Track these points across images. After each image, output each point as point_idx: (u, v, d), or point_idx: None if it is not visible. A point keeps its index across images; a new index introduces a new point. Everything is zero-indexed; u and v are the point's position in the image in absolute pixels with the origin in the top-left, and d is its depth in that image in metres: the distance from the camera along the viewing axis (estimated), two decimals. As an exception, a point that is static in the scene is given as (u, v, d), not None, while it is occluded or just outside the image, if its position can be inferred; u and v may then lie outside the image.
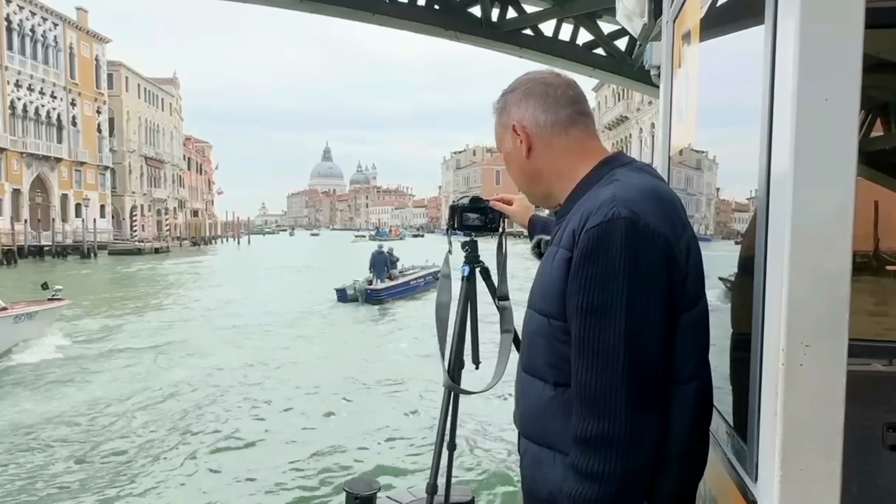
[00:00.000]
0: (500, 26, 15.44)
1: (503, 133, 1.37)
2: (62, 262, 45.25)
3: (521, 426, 1.31)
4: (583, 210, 1.18)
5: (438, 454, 2.46)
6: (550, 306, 1.20)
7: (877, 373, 2.06)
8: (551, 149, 1.32)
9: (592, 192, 1.23)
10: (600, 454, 1.09)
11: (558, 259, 1.19)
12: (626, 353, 1.09)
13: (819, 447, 1.06)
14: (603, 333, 1.10)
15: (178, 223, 79.51)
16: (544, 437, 1.23)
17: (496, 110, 1.39)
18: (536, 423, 1.25)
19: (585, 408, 1.12)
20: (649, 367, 1.11)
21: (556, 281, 1.18)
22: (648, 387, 1.11)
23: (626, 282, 1.09)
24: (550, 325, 1.20)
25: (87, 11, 62.38)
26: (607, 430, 1.09)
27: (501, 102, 1.37)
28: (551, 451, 1.21)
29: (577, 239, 1.14)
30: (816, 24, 1.02)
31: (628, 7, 2.68)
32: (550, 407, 1.21)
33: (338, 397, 10.12)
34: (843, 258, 1.04)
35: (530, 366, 1.28)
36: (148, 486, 6.83)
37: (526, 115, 1.32)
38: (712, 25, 1.68)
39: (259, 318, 17.95)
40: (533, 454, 1.26)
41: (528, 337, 1.29)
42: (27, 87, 53.43)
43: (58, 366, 12.02)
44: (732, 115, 1.62)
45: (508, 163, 1.40)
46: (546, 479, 1.21)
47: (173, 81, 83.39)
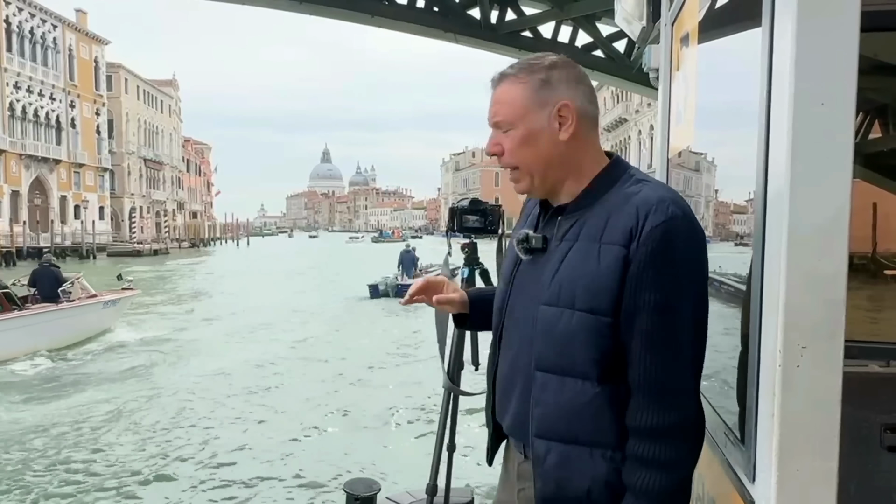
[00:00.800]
0: (499, 28, 15.46)
1: (535, 108, 1.27)
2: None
3: (540, 428, 1.27)
4: (635, 206, 1.18)
5: (438, 455, 2.47)
6: (599, 302, 1.19)
7: (874, 374, 2.06)
8: (586, 141, 1.30)
9: (619, 189, 1.24)
10: (674, 443, 1.16)
11: (607, 255, 1.18)
12: (693, 347, 1.18)
13: (815, 448, 1.07)
14: (674, 328, 1.16)
15: (176, 225, 79.45)
16: (580, 434, 1.22)
17: (532, 81, 1.28)
18: (567, 422, 1.23)
19: (653, 400, 1.17)
20: (701, 363, 1.21)
21: (606, 277, 1.18)
22: (698, 381, 1.20)
23: (692, 279, 1.17)
24: (598, 321, 1.19)
25: (86, 13, 62.45)
26: (680, 419, 1.17)
27: (543, 75, 1.28)
28: (586, 448, 1.21)
29: (638, 235, 1.16)
30: (812, 28, 1.03)
31: (627, 10, 2.69)
32: (592, 404, 1.21)
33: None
34: (840, 261, 1.05)
35: (556, 365, 1.25)
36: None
37: (577, 99, 1.28)
38: (710, 28, 1.69)
39: (297, 316, 19.05)
40: (560, 454, 1.24)
41: (556, 335, 1.24)
42: (26, 88, 53.44)
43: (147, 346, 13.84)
44: (731, 118, 1.63)
45: (531, 140, 1.29)
46: (583, 475, 1.21)
47: (172, 83, 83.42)
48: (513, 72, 1.31)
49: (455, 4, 15.38)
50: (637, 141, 56.73)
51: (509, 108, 1.30)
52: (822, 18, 1.03)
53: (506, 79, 1.32)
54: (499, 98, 1.31)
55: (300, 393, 10.41)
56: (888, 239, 3.55)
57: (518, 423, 1.33)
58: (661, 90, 2.32)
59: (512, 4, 15.38)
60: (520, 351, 1.32)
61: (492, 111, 1.33)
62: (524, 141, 1.29)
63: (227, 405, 9.71)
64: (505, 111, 1.30)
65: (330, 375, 11.55)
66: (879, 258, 3.50)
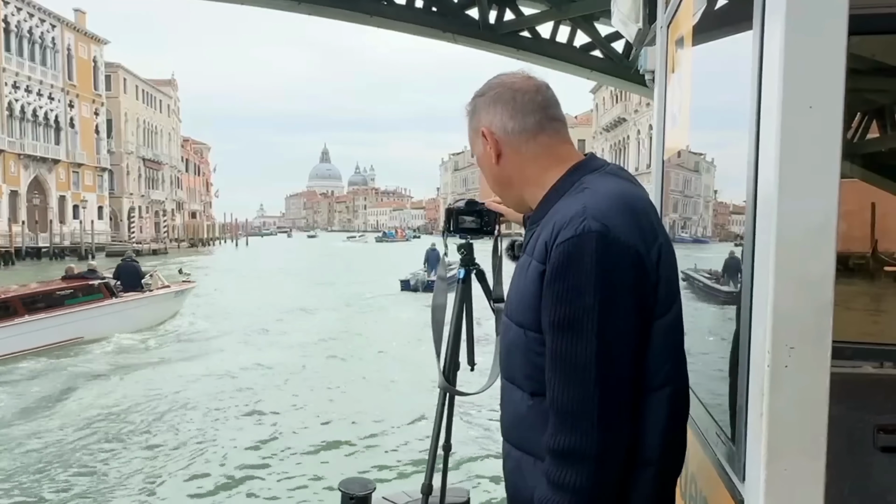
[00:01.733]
0: (497, 28, 15.46)
1: (474, 137, 1.36)
2: (60, 264, 45.24)
3: (504, 431, 1.31)
4: (554, 222, 1.17)
5: (434, 454, 2.47)
6: (526, 318, 1.20)
7: (868, 375, 2.08)
8: (520, 156, 1.30)
9: (563, 201, 1.22)
10: (571, 467, 1.11)
11: (532, 271, 1.19)
12: (598, 369, 1.09)
13: (804, 448, 1.08)
14: (575, 348, 1.10)
15: (175, 225, 79.40)
16: (524, 443, 1.24)
17: (467, 113, 1.36)
18: (516, 430, 1.26)
19: (558, 420, 1.12)
20: (621, 382, 1.12)
21: (531, 294, 1.18)
22: (619, 401, 1.12)
23: (596, 297, 1.09)
24: (526, 336, 1.20)
25: (84, 13, 62.39)
26: (578, 445, 1.10)
27: (472, 106, 1.35)
28: (531, 458, 1.22)
29: (550, 252, 1.14)
30: (800, 31, 1.04)
31: (623, 12, 2.70)
32: (528, 415, 1.21)
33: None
34: (827, 263, 1.06)
35: (508, 373, 1.29)
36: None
37: (494, 122, 1.30)
38: (704, 31, 1.70)
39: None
40: (515, 459, 1.26)
41: (506, 345, 1.29)
42: (25, 88, 53.39)
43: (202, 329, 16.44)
44: (724, 120, 1.64)
45: (481, 167, 1.38)
46: (527, 484, 1.22)
47: (171, 83, 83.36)
48: (466, 104, 1.38)
49: (453, 4, 15.37)
50: (636, 140, 56.74)
51: (470, 137, 1.38)
52: (811, 22, 1.04)
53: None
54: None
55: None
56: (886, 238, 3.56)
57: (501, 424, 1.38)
58: (656, 92, 2.33)
59: (510, 4, 15.38)
60: (500, 358, 1.37)
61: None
62: (481, 168, 1.39)
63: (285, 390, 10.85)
64: (469, 140, 1.40)
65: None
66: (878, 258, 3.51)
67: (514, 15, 15.50)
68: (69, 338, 13.24)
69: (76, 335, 13.44)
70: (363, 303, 22.27)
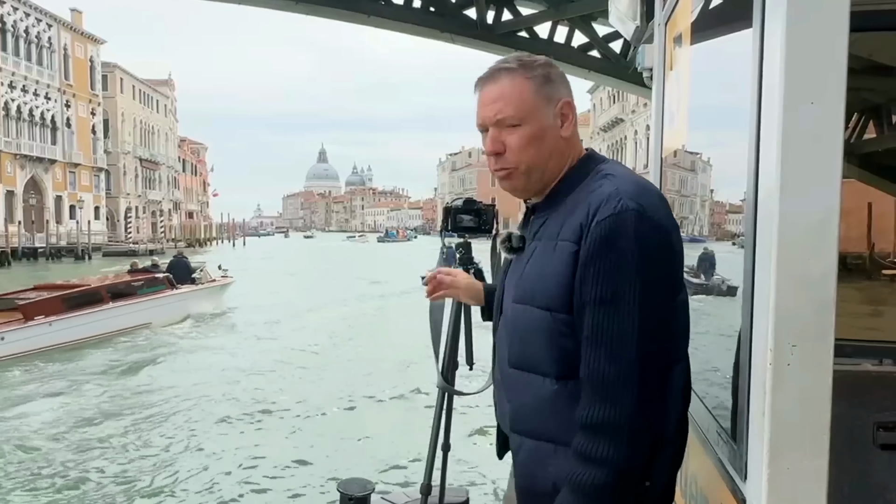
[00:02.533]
0: (495, 28, 15.45)
1: (542, 105, 1.26)
2: (56, 264, 45.16)
3: (513, 423, 1.30)
4: (588, 203, 1.18)
5: (432, 454, 2.46)
6: (553, 300, 1.20)
7: (868, 373, 2.07)
8: (576, 138, 1.32)
9: (585, 185, 1.23)
10: (606, 440, 1.12)
11: (561, 252, 1.19)
12: (639, 343, 1.12)
13: (806, 446, 1.08)
14: (617, 322, 1.12)
15: (172, 225, 79.24)
16: (544, 431, 1.23)
17: (536, 77, 1.26)
18: (534, 419, 1.25)
19: (595, 395, 1.14)
20: (659, 355, 1.14)
21: (560, 275, 1.19)
22: (657, 374, 1.14)
23: (639, 273, 1.12)
24: (554, 318, 1.20)
25: (81, 13, 62.22)
26: (615, 417, 1.12)
27: (545, 72, 1.28)
28: (552, 445, 1.22)
29: (587, 231, 1.16)
30: (801, 28, 1.03)
31: (621, 10, 2.70)
32: (554, 401, 1.21)
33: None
34: (829, 261, 1.05)
35: (524, 362, 1.27)
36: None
37: (570, 96, 1.31)
38: (703, 29, 1.70)
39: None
40: (529, 450, 1.26)
41: (521, 332, 1.27)
42: (21, 88, 53.23)
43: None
44: (723, 118, 1.63)
45: (540, 137, 1.26)
46: (547, 472, 1.22)
47: (168, 83, 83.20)
48: (513, 66, 1.27)
49: (451, 4, 15.37)
50: (633, 141, 56.80)
51: (517, 103, 1.25)
52: (812, 18, 1.03)
53: (507, 74, 1.27)
54: (502, 93, 1.26)
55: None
56: (883, 237, 3.56)
57: (502, 419, 1.37)
58: (654, 90, 2.33)
59: (508, 5, 15.37)
60: (502, 350, 1.35)
61: (493, 108, 1.27)
62: (533, 138, 1.26)
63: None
64: (512, 107, 1.25)
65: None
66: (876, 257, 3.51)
67: (512, 15, 15.49)
68: (140, 323, 15.56)
69: (146, 321, 15.67)
70: (398, 298, 22.75)
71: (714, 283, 1.73)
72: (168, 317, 16.42)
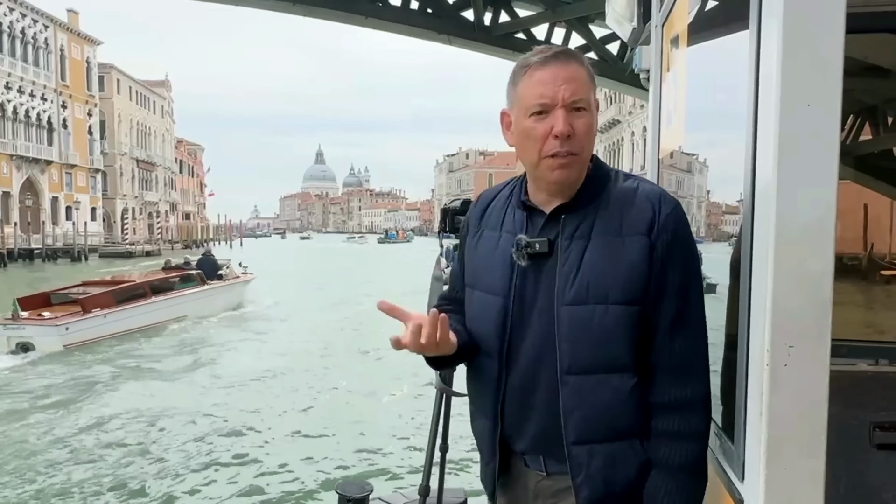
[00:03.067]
0: (492, 30, 15.47)
1: (592, 96, 1.28)
2: (53, 266, 45.04)
3: (579, 433, 1.23)
4: (644, 198, 1.25)
5: (431, 456, 2.47)
6: (632, 293, 1.22)
7: (864, 373, 2.08)
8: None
9: (614, 185, 1.29)
10: (700, 414, 1.24)
11: (634, 246, 1.22)
12: (704, 323, 1.26)
13: (803, 446, 1.08)
14: (696, 307, 1.24)
15: (169, 226, 79.10)
16: (621, 429, 1.24)
17: (589, 69, 1.28)
18: (609, 421, 1.23)
19: (683, 375, 1.23)
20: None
21: (638, 267, 1.21)
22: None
23: (699, 259, 1.27)
24: (633, 312, 1.22)
25: (77, 13, 62.10)
26: (704, 392, 1.24)
27: (588, 68, 1.28)
28: (627, 441, 1.24)
29: (657, 224, 1.22)
30: (798, 30, 1.04)
31: (618, 11, 2.70)
32: (633, 396, 1.23)
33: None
34: (826, 261, 1.06)
35: (596, 364, 1.22)
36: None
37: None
38: (700, 30, 1.70)
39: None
40: (605, 454, 1.23)
41: (592, 333, 1.21)
42: (17, 89, 53.09)
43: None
44: (721, 119, 1.63)
45: (594, 129, 1.27)
46: (630, 466, 1.24)
47: (165, 84, 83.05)
48: (578, 55, 1.28)
49: (449, 6, 15.38)
50: (630, 143, 56.87)
51: (587, 90, 1.25)
52: (808, 20, 1.04)
53: (575, 59, 1.26)
54: (575, 76, 1.23)
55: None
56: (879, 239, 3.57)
57: (543, 438, 1.27)
58: (651, 91, 2.33)
59: (505, 6, 15.40)
60: (538, 362, 1.25)
61: (569, 88, 1.22)
62: (592, 128, 1.27)
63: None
64: (584, 92, 1.24)
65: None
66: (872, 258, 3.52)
67: (509, 17, 15.51)
68: (177, 315, 17.02)
69: (182, 314, 17.24)
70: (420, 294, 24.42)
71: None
72: (202, 310, 17.96)
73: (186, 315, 17.34)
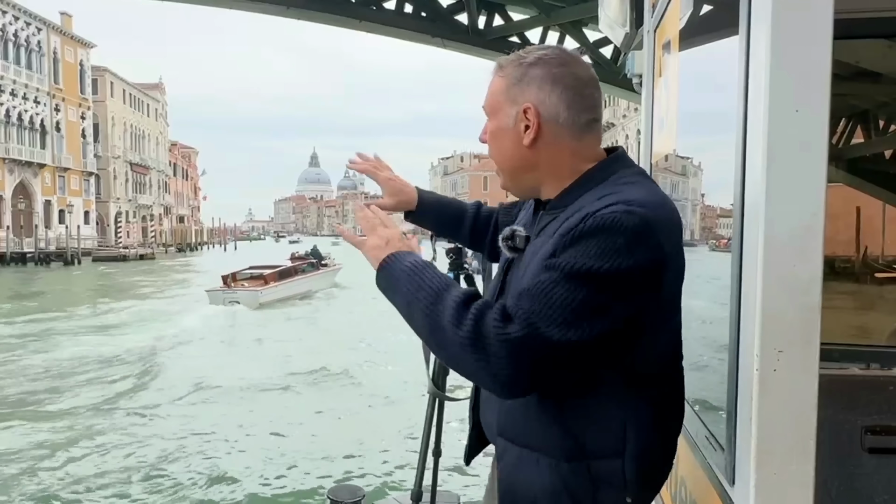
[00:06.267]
0: (486, 34, 15.50)
1: (506, 105, 1.19)
2: (46, 270, 44.85)
3: (501, 426, 1.24)
4: (590, 206, 1.08)
5: (423, 461, 2.46)
6: None
7: (855, 377, 2.09)
8: (558, 147, 1.19)
9: (597, 190, 1.14)
10: (483, 334, 1.06)
11: (545, 250, 1.11)
12: (561, 307, 1.02)
13: (792, 451, 1.08)
14: (557, 293, 1.02)
15: (163, 229, 78.86)
16: (528, 439, 1.18)
17: (509, 76, 1.20)
18: (519, 425, 1.20)
19: (509, 302, 1.07)
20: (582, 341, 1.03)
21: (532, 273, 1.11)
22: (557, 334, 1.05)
23: (598, 261, 1.02)
24: None
25: (71, 16, 61.93)
26: (512, 334, 1.04)
27: (520, 71, 1.19)
28: (534, 454, 1.17)
29: (573, 228, 1.07)
30: (786, 36, 1.04)
31: (610, 16, 2.71)
32: (537, 408, 1.16)
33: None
34: (815, 266, 1.06)
35: None
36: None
37: (546, 103, 1.16)
38: (691, 36, 1.71)
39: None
40: (514, 455, 1.21)
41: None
42: (10, 92, 52.89)
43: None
44: (711, 124, 1.64)
45: (498, 138, 1.22)
46: (531, 482, 1.17)
47: (159, 87, 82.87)
48: (503, 63, 1.24)
49: (443, 10, 15.41)
50: (625, 145, 57.03)
51: (489, 98, 1.24)
52: (796, 26, 1.04)
53: (496, 69, 1.25)
54: (490, 85, 1.25)
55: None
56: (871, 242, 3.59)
57: (488, 424, 1.31)
58: (644, 96, 2.34)
59: (499, 10, 15.44)
60: None
61: (487, 96, 1.27)
62: (493, 136, 1.24)
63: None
64: (486, 100, 1.25)
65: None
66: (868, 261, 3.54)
67: (503, 20, 15.56)
68: (306, 290, 25.88)
69: (308, 289, 26.17)
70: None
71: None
72: (318, 285, 27.25)
73: (311, 290, 26.22)
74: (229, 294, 22.42)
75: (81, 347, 14.83)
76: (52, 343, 15.55)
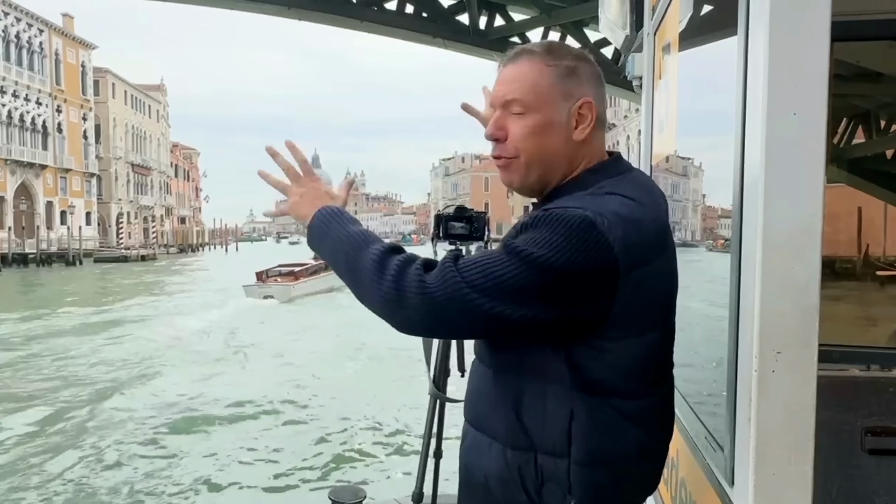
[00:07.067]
0: (487, 34, 15.53)
1: (558, 98, 1.15)
2: (47, 270, 44.95)
3: (466, 410, 1.27)
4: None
5: (424, 462, 2.47)
6: None
7: (855, 378, 2.09)
8: (592, 146, 1.20)
9: (577, 195, 1.12)
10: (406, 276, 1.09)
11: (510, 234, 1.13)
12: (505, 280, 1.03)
13: (791, 451, 1.08)
14: (496, 271, 1.03)
15: (164, 230, 78.94)
16: (483, 423, 1.20)
17: (557, 67, 1.16)
18: (478, 409, 1.23)
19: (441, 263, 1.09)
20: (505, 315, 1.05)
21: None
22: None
23: (541, 251, 1.02)
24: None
25: (72, 17, 62.04)
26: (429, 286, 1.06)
27: (572, 64, 1.17)
28: (487, 438, 1.18)
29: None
30: (784, 38, 1.05)
31: (610, 19, 2.72)
32: (491, 393, 1.18)
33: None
34: (813, 267, 1.07)
35: (476, 353, 1.27)
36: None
37: (598, 99, 1.19)
38: (691, 38, 1.71)
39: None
40: (471, 438, 1.22)
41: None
42: (12, 93, 52.99)
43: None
44: (711, 125, 1.65)
45: (544, 133, 1.16)
46: (481, 466, 1.18)
47: (160, 88, 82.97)
48: (538, 51, 1.18)
49: (444, 10, 15.44)
50: (626, 146, 57.05)
51: (530, 89, 1.15)
52: (794, 29, 1.05)
53: (529, 56, 1.18)
54: (517, 75, 1.17)
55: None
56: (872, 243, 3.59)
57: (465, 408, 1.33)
58: (644, 97, 2.35)
59: (500, 10, 15.46)
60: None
61: (504, 88, 1.17)
62: (538, 130, 1.16)
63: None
64: (523, 91, 1.16)
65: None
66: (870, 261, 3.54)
67: (504, 21, 15.58)
68: (330, 286, 25.77)
69: (332, 285, 25.53)
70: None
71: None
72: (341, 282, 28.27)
73: (334, 286, 25.64)
74: (264, 289, 25.23)
75: (168, 328, 17.86)
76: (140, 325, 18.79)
